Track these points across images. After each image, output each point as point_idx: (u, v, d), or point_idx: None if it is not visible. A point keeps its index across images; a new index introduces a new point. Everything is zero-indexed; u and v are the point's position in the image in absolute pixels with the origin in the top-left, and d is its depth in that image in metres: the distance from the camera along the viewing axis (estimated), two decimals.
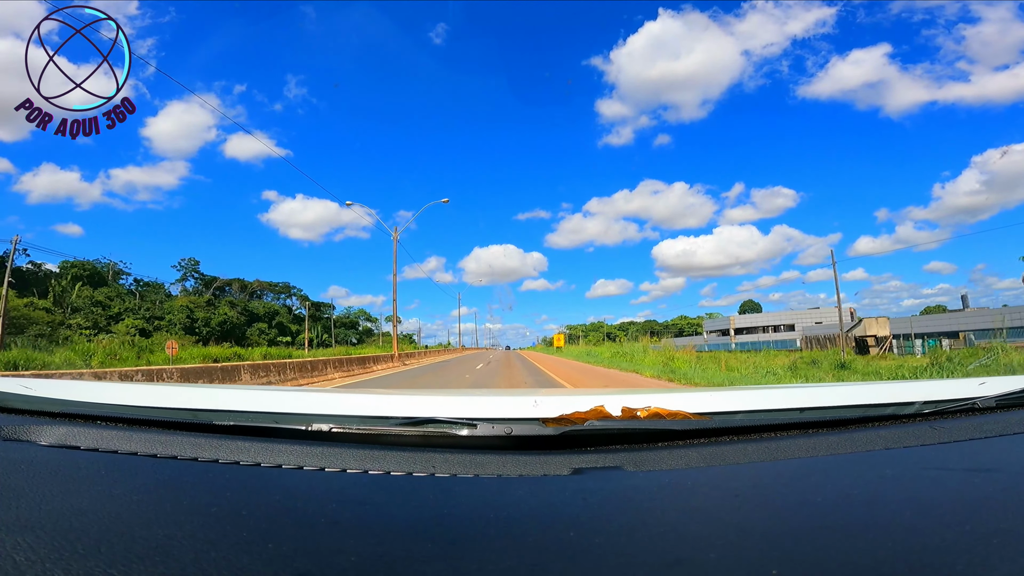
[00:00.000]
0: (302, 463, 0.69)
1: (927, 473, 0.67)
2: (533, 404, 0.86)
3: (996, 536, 0.47)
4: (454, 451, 0.72)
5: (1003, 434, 0.81)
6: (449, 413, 0.82)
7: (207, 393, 1.19)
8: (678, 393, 1.09)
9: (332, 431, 0.78)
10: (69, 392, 1.01)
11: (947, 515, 0.52)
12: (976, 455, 0.75)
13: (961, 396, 0.93)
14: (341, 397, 1.02)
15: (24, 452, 0.73)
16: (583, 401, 0.81)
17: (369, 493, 0.61)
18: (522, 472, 0.67)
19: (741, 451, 0.74)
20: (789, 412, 0.92)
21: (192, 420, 0.87)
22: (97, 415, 0.88)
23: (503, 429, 0.75)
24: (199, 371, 10.84)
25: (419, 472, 0.66)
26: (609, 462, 0.69)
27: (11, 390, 0.98)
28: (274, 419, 0.86)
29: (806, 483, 0.64)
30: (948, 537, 0.47)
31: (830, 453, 0.74)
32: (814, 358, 19.95)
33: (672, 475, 0.67)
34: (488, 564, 0.44)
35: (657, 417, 0.79)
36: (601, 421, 0.75)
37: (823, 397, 1.06)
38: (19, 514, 0.51)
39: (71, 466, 0.68)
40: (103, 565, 0.42)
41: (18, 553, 0.43)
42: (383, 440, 0.78)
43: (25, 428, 0.80)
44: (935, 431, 0.81)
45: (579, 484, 0.62)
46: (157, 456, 0.72)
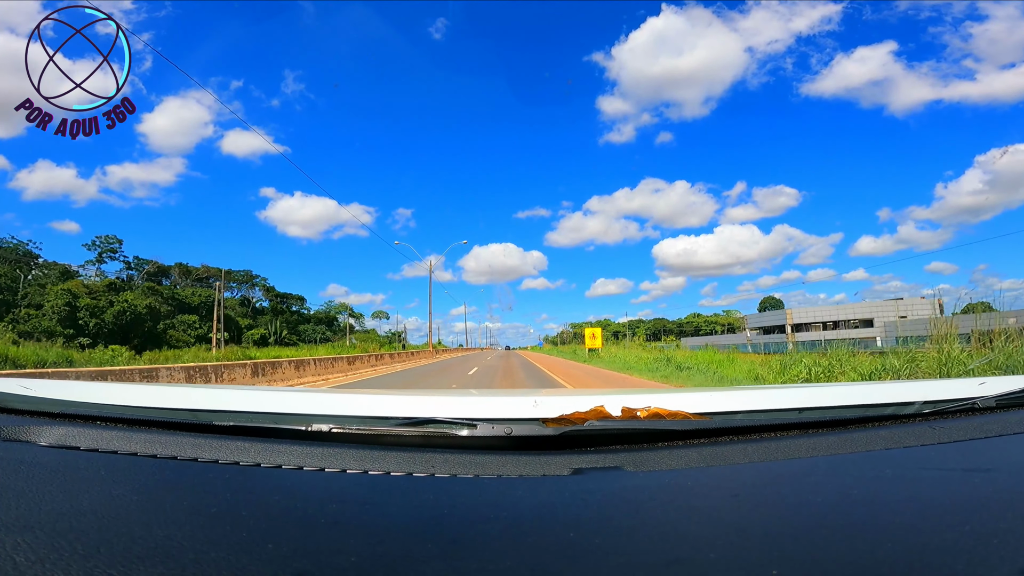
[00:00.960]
0: (302, 463, 0.69)
1: (927, 473, 0.67)
2: (533, 404, 0.86)
3: (996, 536, 0.47)
4: (454, 451, 0.72)
5: (1003, 434, 0.81)
6: (449, 413, 0.82)
7: (207, 393, 1.19)
8: (678, 393, 1.09)
9: (332, 431, 0.78)
10: (69, 392, 1.01)
11: (947, 515, 0.52)
12: (976, 455, 0.75)
13: (961, 396, 0.93)
14: (341, 397, 1.02)
15: (24, 452, 0.73)
16: (583, 401, 0.81)
17: (369, 493, 0.61)
18: (522, 472, 0.67)
19: (741, 451, 0.74)
20: (789, 412, 0.92)
21: (192, 420, 0.87)
22: (97, 415, 0.88)
23: (503, 429, 0.75)
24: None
25: (419, 472, 0.66)
26: (609, 462, 0.69)
27: (10, 390, 0.98)
28: (274, 419, 0.86)
29: (806, 483, 0.64)
30: (948, 537, 0.47)
31: (830, 453, 0.74)
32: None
33: (672, 475, 0.67)
34: (488, 564, 0.44)
35: (657, 417, 0.79)
36: (601, 421, 0.75)
37: (823, 397, 1.06)
38: (19, 514, 0.51)
39: (71, 467, 0.68)
40: (103, 565, 0.42)
41: (18, 554, 0.43)
42: (383, 440, 0.78)
43: (25, 428, 0.80)
44: (935, 431, 0.81)
45: (579, 484, 0.62)
46: (157, 456, 0.72)
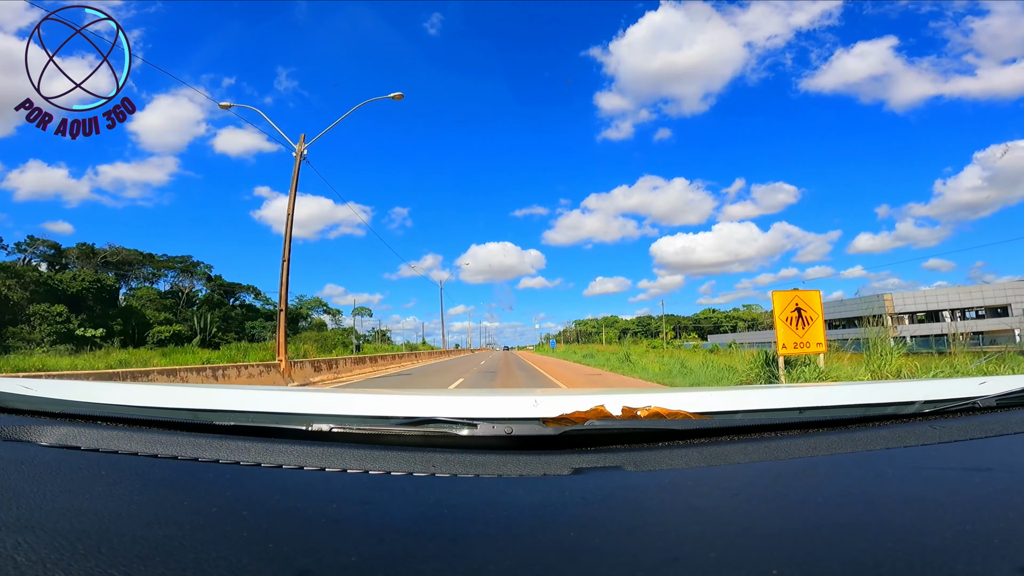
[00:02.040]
0: (303, 463, 0.69)
1: (927, 472, 0.67)
2: (533, 404, 0.86)
3: (996, 536, 0.47)
4: (454, 451, 0.72)
5: (1004, 433, 0.81)
6: (449, 413, 0.82)
7: (207, 393, 1.19)
8: (678, 393, 1.09)
9: (332, 431, 0.78)
10: (69, 392, 1.01)
11: (947, 515, 0.52)
12: (976, 455, 0.75)
13: (961, 396, 0.93)
14: (341, 397, 1.02)
15: (24, 452, 0.73)
16: (583, 401, 0.81)
17: (369, 493, 0.61)
18: (522, 472, 0.67)
19: (741, 451, 0.74)
20: (789, 412, 0.92)
21: (193, 420, 0.88)
22: (98, 415, 0.88)
23: (503, 429, 0.75)
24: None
25: (419, 472, 0.66)
26: (609, 462, 0.69)
27: (11, 390, 0.98)
28: (274, 419, 0.86)
29: (806, 483, 0.64)
30: (948, 537, 0.47)
31: (830, 453, 0.74)
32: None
33: (672, 475, 0.67)
34: (488, 564, 0.44)
35: (657, 417, 0.79)
36: (601, 421, 0.75)
37: (823, 396, 1.06)
38: (20, 514, 0.51)
39: (71, 466, 0.68)
40: (104, 565, 0.42)
41: (19, 553, 0.44)
42: (383, 440, 0.78)
43: (25, 428, 0.80)
44: (935, 431, 0.81)
45: (579, 484, 0.62)
46: (158, 456, 0.72)
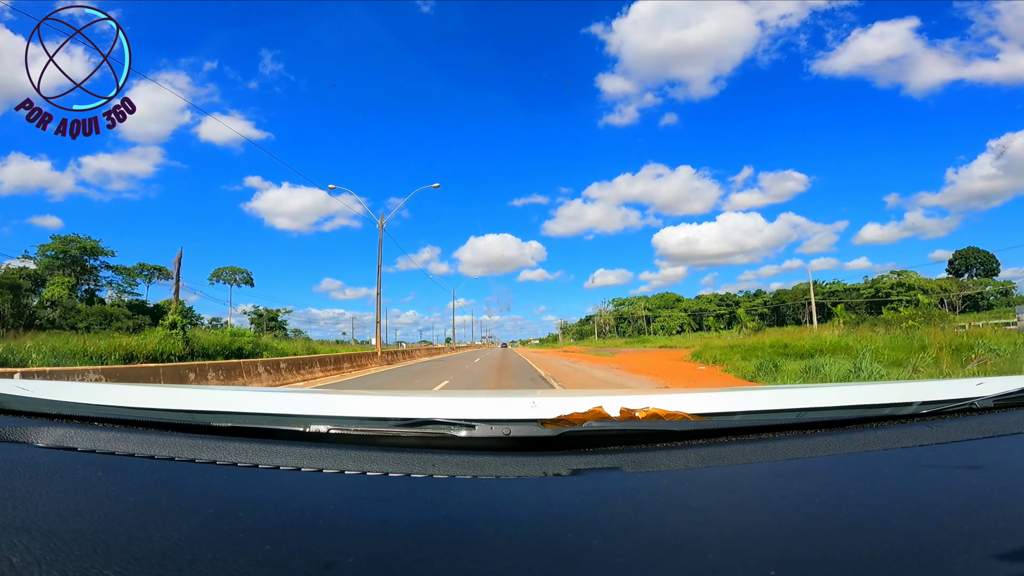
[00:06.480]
0: (300, 464, 0.69)
1: (925, 473, 0.67)
2: (531, 405, 0.86)
3: (995, 536, 0.47)
4: (452, 452, 0.72)
5: (1001, 434, 0.81)
6: (447, 414, 0.82)
7: (204, 394, 1.19)
8: (677, 394, 1.09)
9: (330, 432, 0.78)
10: (66, 393, 1.01)
11: (945, 515, 0.52)
12: (974, 455, 0.75)
13: (959, 396, 0.93)
14: (339, 398, 1.02)
15: (21, 453, 0.73)
16: (581, 402, 0.81)
17: (367, 494, 0.61)
18: (520, 473, 0.67)
19: (739, 452, 0.74)
20: (787, 413, 0.92)
21: (189, 421, 0.87)
22: (94, 416, 0.88)
23: (501, 430, 0.75)
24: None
25: (417, 473, 0.66)
26: (607, 463, 0.69)
27: (7, 391, 0.98)
28: (272, 420, 0.86)
29: (804, 484, 0.64)
30: (946, 537, 0.47)
31: (828, 454, 0.74)
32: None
33: (670, 476, 0.67)
34: (487, 565, 0.44)
35: (655, 418, 0.79)
36: (599, 422, 0.75)
37: (821, 398, 1.06)
38: (16, 515, 0.51)
39: (68, 467, 0.68)
40: (100, 567, 0.42)
41: (15, 555, 0.43)
42: (381, 441, 0.78)
43: (22, 429, 0.80)
44: (933, 431, 0.81)
45: (578, 485, 0.62)
46: (154, 457, 0.72)
